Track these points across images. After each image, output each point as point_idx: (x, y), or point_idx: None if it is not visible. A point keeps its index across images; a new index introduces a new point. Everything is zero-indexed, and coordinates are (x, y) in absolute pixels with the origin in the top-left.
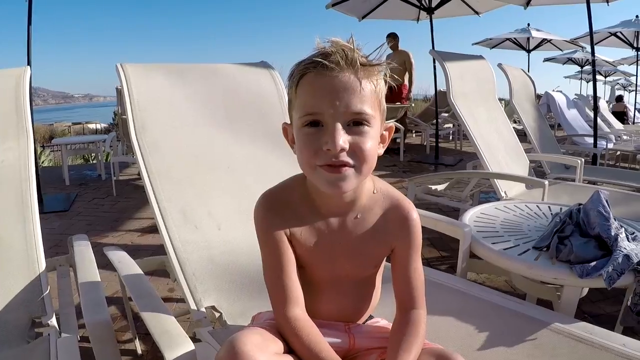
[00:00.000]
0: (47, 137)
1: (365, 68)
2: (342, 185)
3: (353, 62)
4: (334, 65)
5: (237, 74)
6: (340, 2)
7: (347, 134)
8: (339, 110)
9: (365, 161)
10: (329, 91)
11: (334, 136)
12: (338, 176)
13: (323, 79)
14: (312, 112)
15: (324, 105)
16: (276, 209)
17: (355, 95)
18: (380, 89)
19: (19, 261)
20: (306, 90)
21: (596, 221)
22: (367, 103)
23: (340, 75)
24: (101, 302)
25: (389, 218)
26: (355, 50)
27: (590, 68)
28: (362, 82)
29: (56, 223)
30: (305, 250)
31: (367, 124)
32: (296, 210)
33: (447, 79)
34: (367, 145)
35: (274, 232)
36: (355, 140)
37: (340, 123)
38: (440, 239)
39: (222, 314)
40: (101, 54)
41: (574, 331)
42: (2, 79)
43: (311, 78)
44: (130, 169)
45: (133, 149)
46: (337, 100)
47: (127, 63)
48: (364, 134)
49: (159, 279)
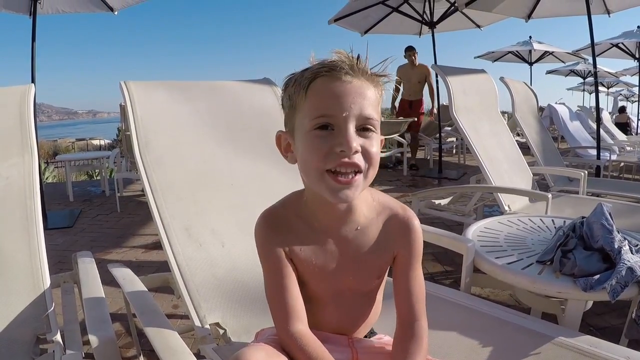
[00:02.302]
0: (51, 153)
1: (373, 77)
2: (349, 194)
3: (363, 71)
4: (348, 70)
5: (239, 90)
6: (342, 17)
7: (358, 137)
8: (354, 113)
9: (372, 165)
10: (344, 94)
11: (349, 138)
12: (346, 187)
13: (338, 82)
14: (325, 114)
15: (339, 108)
16: (276, 227)
17: (366, 101)
18: (382, 97)
19: (24, 278)
20: (318, 92)
21: (599, 234)
22: (376, 109)
23: (354, 80)
24: (106, 319)
25: (389, 227)
26: (360, 61)
27: (593, 79)
28: (373, 90)
29: (60, 239)
30: (306, 266)
31: (374, 129)
32: (296, 227)
33: (450, 93)
34: (374, 149)
35: (274, 251)
36: (365, 144)
37: (353, 126)
38: (445, 253)
39: (226, 330)
40: (105, 70)
41: (578, 345)
42: (7, 96)
43: (324, 81)
44: (134, 185)
45: (137, 165)
46: (352, 104)
47: (130, 81)
48: (371, 138)
49: (163, 295)
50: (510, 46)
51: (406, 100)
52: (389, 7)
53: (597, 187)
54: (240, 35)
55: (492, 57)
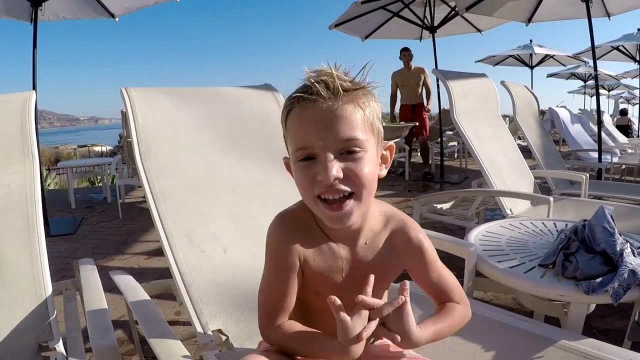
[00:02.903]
0: (52, 160)
1: (349, 93)
2: (344, 220)
3: (335, 91)
4: (317, 97)
5: (241, 97)
6: (343, 22)
7: (340, 162)
8: (329, 140)
9: (362, 186)
10: (315, 123)
11: (326, 166)
12: (338, 213)
13: (308, 111)
14: (303, 146)
15: (313, 138)
16: (292, 231)
17: (342, 123)
18: (372, 111)
19: (26, 285)
20: (294, 125)
21: (601, 237)
22: (357, 128)
23: (325, 106)
24: (108, 327)
25: (395, 241)
26: (336, 78)
27: (594, 82)
28: (348, 109)
29: (62, 246)
30: (316, 275)
31: (359, 149)
32: (311, 234)
33: (450, 97)
34: (362, 170)
35: (287, 254)
36: (349, 167)
37: (332, 153)
38: (448, 257)
39: (228, 337)
40: (106, 76)
41: (581, 348)
42: (8, 104)
43: (297, 112)
44: (136, 192)
45: (138, 172)
46: (325, 131)
47: (131, 87)
48: (358, 160)
49: (165, 302)
50: (511, 50)
51: (408, 105)
52: (390, 12)
53: (598, 190)
54: (242, 41)
55: (492, 61)
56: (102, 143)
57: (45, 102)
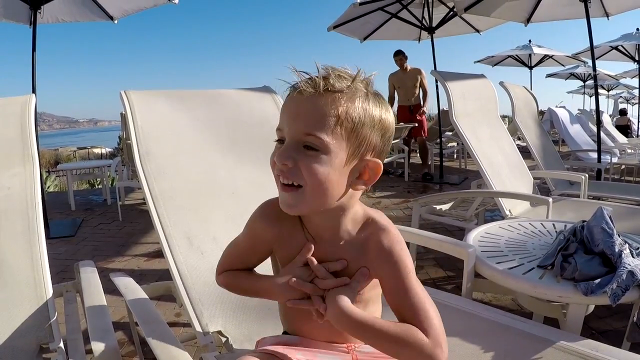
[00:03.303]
0: (52, 162)
1: (330, 94)
2: (289, 204)
3: (316, 86)
4: (302, 89)
5: (240, 99)
6: (342, 24)
7: (297, 154)
8: (292, 129)
9: (311, 184)
10: (289, 112)
11: (279, 152)
12: (284, 194)
13: (290, 101)
14: (279, 128)
15: (284, 124)
16: (272, 222)
17: (309, 119)
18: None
19: (26, 287)
20: (281, 110)
21: (600, 238)
22: (324, 129)
23: (302, 98)
24: (108, 328)
25: (369, 247)
26: (321, 77)
27: (593, 83)
28: (322, 108)
29: (62, 248)
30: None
31: (317, 148)
32: (290, 227)
33: (449, 99)
34: (314, 169)
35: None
36: (303, 162)
37: (292, 142)
38: (447, 258)
39: (228, 338)
40: (105, 78)
41: (580, 349)
42: (8, 107)
43: (286, 100)
44: (136, 194)
45: (138, 175)
46: (291, 120)
47: (130, 90)
48: (314, 157)
49: (165, 303)
50: (509, 50)
51: (405, 107)
52: (388, 13)
53: (598, 190)
54: (241, 41)
55: (491, 62)
56: (102, 145)
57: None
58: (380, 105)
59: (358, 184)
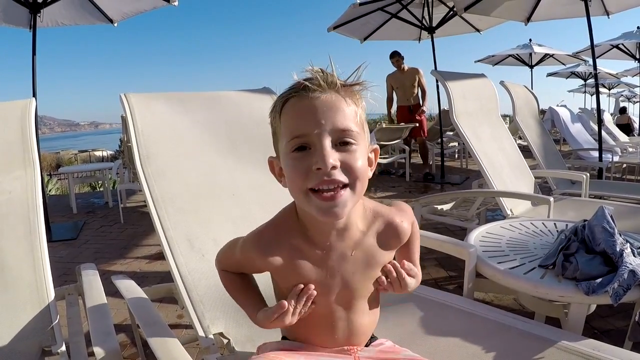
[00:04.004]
0: (53, 165)
1: (346, 88)
2: (338, 211)
3: (333, 84)
4: (316, 87)
5: (239, 100)
6: (342, 24)
7: (336, 152)
8: (326, 128)
9: (358, 178)
10: (313, 111)
11: (323, 154)
12: (332, 203)
13: (306, 101)
14: (299, 134)
15: (310, 126)
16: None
17: (339, 114)
18: (364, 110)
19: (29, 290)
20: (290, 115)
21: (601, 237)
22: (353, 121)
23: (323, 96)
24: (110, 331)
25: (383, 239)
26: (334, 74)
27: (594, 81)
28: (344, 101)
29: (64, 251)
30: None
31: (354, 142)
32: (291, 243)
33: (450, 98)
34: (357, 162)
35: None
36: (345, 158)
37: (328, 142)
38: (448, 258)
39: (230, 340)
40: (106, 81)
41: (581, 349)
42: (8, 111)
43: (294, 102)
44: (137, 196)
45: (138, 177)
46: (323, 119)
47: (130, 93)
48: (352, 151)
49: (167, 305)
50: (510, 49)
51: (405, 106)
52: (388, 14)
53: (599, 189)
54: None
55: (492, 61)
56: (103, 148)
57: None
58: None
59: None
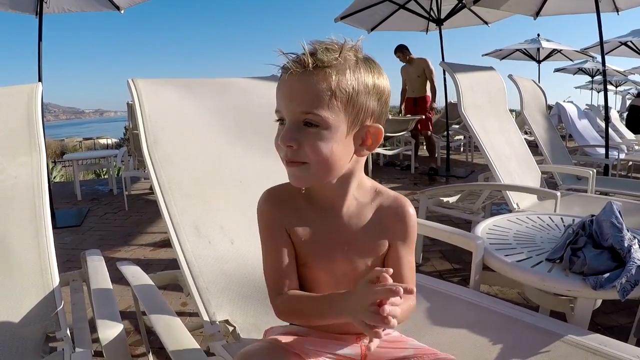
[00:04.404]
0: (58, 152)
1: (319, 69)
2: (296, 181)
3: (305, 65)
4: (292, 69)
5: (248, 87)
6: (349, 15)
7: (299, 133)
8: (289, 110)
9: (315, 161)
10: (284, 93)
11: (282, 135)
12: (291, 169)
13: (283, 82)
14: (277, 109)
15: (281, 104)
16: (278, 204)
17: (305, 98)
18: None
19: (33, 276)
20: (276, 91)
21: (609, 232)
22: (320, 105)
23: (294, 79)
24: (115, 317)
25: (384, 213)
26: (308, 54)
27: (601, 78)
28: (315, 85)
29: (68, 238)
30: (303, 243)
31: (318, 124)
32: (295, 204)
33: (458, 90)
34: (317, 146)
35: (276, 227)
36: (306, 139)
37: (292, 122)
38: (453, 251)
39: (235, 327)
40: (111, 69)
41: (588, 343)
42: (14, 96)
43: (280, 80)
44: (142, 184)
45: (145, 163)
46: (287, 101)
47: (138, 78)
48: (315, 134)
49: (171, 293)
50: (518, 44)
51: (410, 98)
52: (396, 4)
53: (605, 186)
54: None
55: (499, 55)
56: (108, 135)
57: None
58: (373, 70)
59: (362, 150)
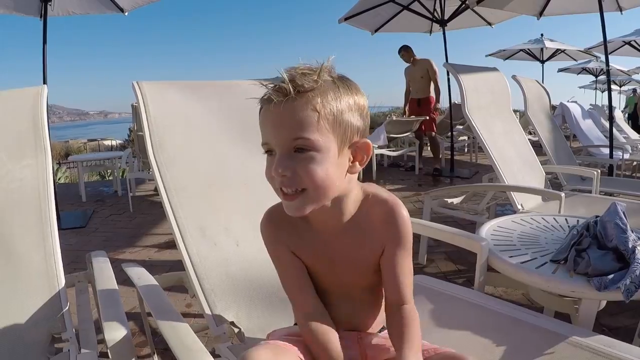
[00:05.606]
0: (63, 154)
1: (302, 95)
2: (296, 211)
3: (286, 93)
4: (274, 98)
5: (252, 89)
6: (353, 16)
7: (292, 160)
8: (278, 139)
9: (313, 186)
10: (269, 123)
11: (276, 165)
12: (289, 203)
13: (266, 112)
14: (264, 142)
15: (269, 136)
16: (278, 224)
17: (292, 124)
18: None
19: (39, 278)
20: (259, 123)
21: (614, 233)
22: (309, 129)
23: (278, 107)
24: (121, 318)
25: (376, 218)
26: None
27: (605, 78)
28: (300, 110)
29: (73, 239)
30: (307, 260)
31: (310, 149)
32: (295, 224)
33: (462, 91)
34: (312, 170)
35: (279, 246)
36: (299, 165)
37: (282, 151)
38: (457, 252)
39: (240, 329)
40: (115, 71)
41: (592, 344)
42: (20, 99)
43: (261, 112)
44: (146, 185)
45: (150, 165)
46: (275, 131)
47: (143, 81)
48: (308, 159)
49: (176, 294)
50: (521, 44)
51: (414, 99)
52: (400, 5)
53: (610, 186)
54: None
55: (503, 55)
56: (112, 137)
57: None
58: (350, 88)
59: (354, 167)
